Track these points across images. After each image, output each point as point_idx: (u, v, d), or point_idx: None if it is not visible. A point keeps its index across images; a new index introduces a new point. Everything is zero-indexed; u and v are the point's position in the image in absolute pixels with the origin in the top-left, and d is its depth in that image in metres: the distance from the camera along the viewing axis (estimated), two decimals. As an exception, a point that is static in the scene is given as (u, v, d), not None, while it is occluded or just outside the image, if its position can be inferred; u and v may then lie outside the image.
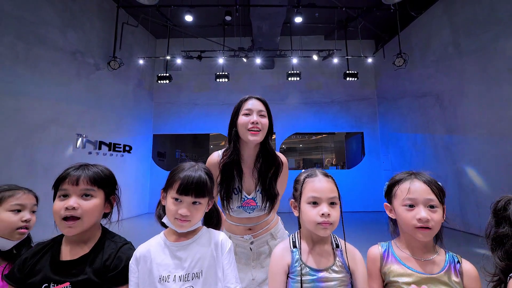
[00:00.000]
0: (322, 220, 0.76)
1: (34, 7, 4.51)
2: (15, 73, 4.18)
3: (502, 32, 4.17)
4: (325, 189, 0.80)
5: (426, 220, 0.75)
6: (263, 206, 1.12)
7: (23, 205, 0.93)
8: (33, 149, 4.41)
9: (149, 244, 0.81)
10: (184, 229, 0.79)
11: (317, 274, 0.77)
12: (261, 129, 1.10)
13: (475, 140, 4.63)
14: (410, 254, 0.82)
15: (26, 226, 0.92)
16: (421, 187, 0.79)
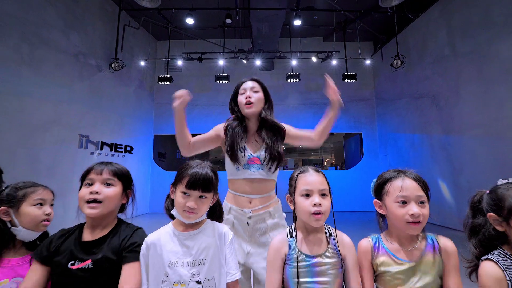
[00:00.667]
0: (314, 210, 0.84)
1: (37, 9, 4.60)
2: (19, 74, 4.25)
3: (496, 34, 4.27)
4: (316, 182, 0.88)
5: (418, 216, 0.81)
6: (267, 165, 1.21)
7: (44, 199, 1.01)
8: (36, 149, 4.48)
9: (159, 233, 0.89)
10: (191, 221, 0.87)
11: (311, 260, 0.85)
12: (253, 102, 1.26)
13: (470, 140, 4.72)
14: (398, 246, 0.87)
15: (47, 218, 1.00)
16: (412, 184, 0.85)
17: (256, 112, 1.29)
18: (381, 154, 7.56)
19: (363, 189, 7.17)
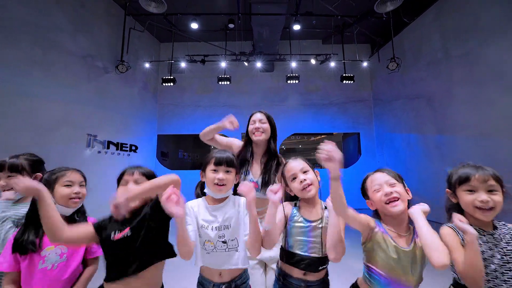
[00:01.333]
0: (302, 185, 1.05)
1: (48, 14, 4.80)
2: (31, 76, 4.45)
3: (485, 39, 4.49)
4: (297, 165, 1.13)
5: (390, 193, 1.01)
6: (262, 190, 1.45)
7: (72, 181, 1.19)
8: (47, 148, 4.67)
9: (197, 202, 1.14)
10: (221, 194, 1.10)
11: (308, 224, 1.07)
12: (262, 131, 1.58)
13: (463, 140, 4.93)
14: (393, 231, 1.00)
15: (77, 196, 1.18)
16: (378, 175, 1.06)
17: (263, 140, 1.57)
18: (378, 154, 7.77)
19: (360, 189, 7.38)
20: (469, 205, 0.97)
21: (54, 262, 1.06)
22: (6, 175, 1.25)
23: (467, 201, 0.97)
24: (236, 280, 1.07)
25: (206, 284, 1.06)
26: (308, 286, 1.04)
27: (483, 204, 0.93)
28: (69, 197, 1.16)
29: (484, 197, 0.94)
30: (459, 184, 1.00)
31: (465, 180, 0.98)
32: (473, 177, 0.97)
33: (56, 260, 1.07)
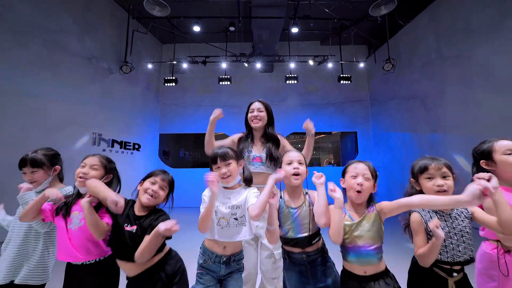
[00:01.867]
0: (294, 171, 1.25)
1: (56, 17, 4.99)
2: (39, 77, 4.65)
3: (475, 41, 4.68)
4: (296, 156, 1.32)
5: (361, 184, 1.19)
6: (267, 163, 1.71)
7: (85, 163, 1.39)
8: (54, 146, 4.77)
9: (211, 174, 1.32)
10: (229, 183, 1.30)
11: (294, 210, 1.27)
12: (259, 119, 1.81)
13: (454, 139, 5.13)
14: (353, 211, 1.20)
15: (84, 176, 1.34)
16: (362, 166, 1.24)
17: (260, 126, 1.80)
18: (374, 152, 7.96)
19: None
20: (429, 190, 1.16)
21: (76, 226, 1.27)
22: (30, 170, 1.41)
23: (427, 186, 1.17)
24: (235, 255, 1.27)
25: (209, 255, 1.26)
26: (309, 256, 1.23)
27: (440, 187, 1.13)
28: (77, 176, 1.35)
29: (440, 182, 1.13)
30: (420, 173, 1.20)
31: (424, 169, 1.18)
32: (430, 167, 1.16)
33: (77, 224, 1.28)
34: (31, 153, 1.44)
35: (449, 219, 1.15)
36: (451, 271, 1.10)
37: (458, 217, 1.15)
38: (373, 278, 1.11)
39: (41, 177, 1.42)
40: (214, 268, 1.24)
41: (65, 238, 1.27)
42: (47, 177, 1.45)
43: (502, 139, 1.24)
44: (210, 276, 1.25)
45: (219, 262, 1.24)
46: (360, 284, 1.11)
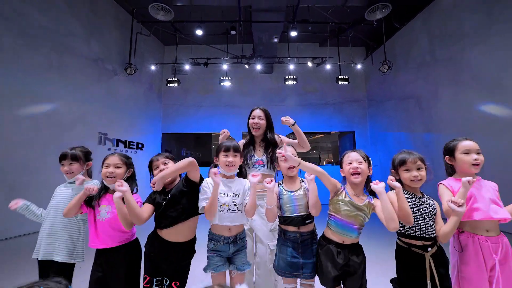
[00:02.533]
0: (288, 165, 1.46)
1: (64, 21, 5.19)
2: (49, 79, 4.84)
3: (466, 44, 4.89)
4: (290, 151, 1.53)
5: (357, 168, 1.40)
6: (268, 165, 1.90)
7: (108, 163, 1.57)
8: (64, 145, 4.97)
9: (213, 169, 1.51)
10: (231, 172, 1.50)
11: (292, 193, 1.48)
12: (259, 127, 1.97)
13: (447, 138, 5.28)
14: (352, 192, 1.41)
15: (111, 175, 1.53)
16: (354, 153, 1.45)
17: (260, 134, 2.00)
18: (372, 151, 8.17)
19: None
20: (406, 180, 1.37)
21: (103, 217, 1.48)
22: (69, 162, 1.64)
23: (405, 177, 1.38)
24: (239, 234, 1.48)
25: (216, 238, 1.46)
26: (302, 236, 1.44)
27: (415, 178, 1.34)
28: (105, 176, 1.56)
29: (415, 173, 1.34)
30: (399, 166, 1.40)
31: (403, 163, 1.38)
32: (408, 161, 1.37)
33: (104, 215, 1.49)
34: (69, 149, 1.66)
35: (420, 202, 1.36)
36: (425, 247, 1.30)
37: (427, 201, 1.36)
38: (347, 247, 1.36)
39: (76, 169, 1.64)
40: (224, 248, 1.45)
41: (95, 228, 1.49)
42: (82, 170, 1.67)
43: (466, 140, 1.44)
44: (220, 257, 1.45)
45: (227, 242, 1.44)
46: (337, 248, 1.35)
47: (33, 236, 4.13)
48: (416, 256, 1.30)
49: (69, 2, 5.30)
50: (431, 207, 1.35)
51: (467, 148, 1.41)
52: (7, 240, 3.90)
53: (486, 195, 1.35)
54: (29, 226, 4.28)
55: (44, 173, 4.65)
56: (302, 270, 1.41)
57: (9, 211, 2.41)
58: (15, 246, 3.60)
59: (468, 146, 1.41)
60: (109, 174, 1.54)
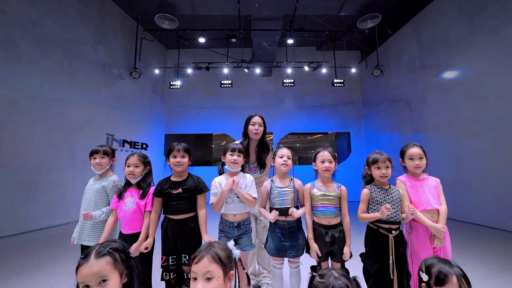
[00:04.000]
0: (283, 162, 1.80)
1: (75, 29, 5.50)
2: (61, 84, 5.16)
3: (451, 52, 5.24)
4: (286, 152, 1.86)
5: (328, 167, 1.75)
6: (258, 171, 2.22)
7: (129, 163, 1.91)
8: (74, 146, 5.40)
9: (221, 177, 1.85)
10: (235, 168, 1.83)
11: (281, 189, 1.81)
12: (259, 133, 2.24)
13: (433, 139, 5.70)
14: (321, 184, 1.79)
15: (132, 173, 1.87)
16: (326, 153, 1.80)
17: (258, 138, 2.28)
18: (366, 151, 8.53)
19: (350, 182, 8.09)
20: (377, 176, 1.72)
21: (129, 207, 1.82)
22: (100, 156, 1.98)
23: (376, 173, 1.72)
24: (243, 221, 1.82)
25: (224, 222, 1.81)
26: (289, 224, 1.78)
27: (383, 175, 1.68)
28: (127, 174, 1.90)
29: (384, 171, 1.69)
30: (372, 164, 1.75)
31: (375, 161, 1.73)
32: (379, 160, 1.71)
33: (130, 205, 1.82)
34: (100, 146, 2.00)
35: (387, 193, 1.71)
36: (390, 230, 1.65)
37: (393, 192, 1.71)
38: (333, 227, 1.70)
39: (106, 163, 1.98)
40: (230, 231, 1.79)
41: (122, 216, 1.83)
42: (108, 164, 2.01)
43: (413, 147, 1.80)
44: (227, 238, 1.79)
45: (232, 226, 1.78)
46: (325, 229, 1.70)
47: (48, 230, 4.47)
48: (382, 236, 1.65)
49: (79, 10, 5.61)
50: (396, 196, 1.70)
51: (411, 155, 1.78)
52: (25, 233, 4.23)
53: (427, 191, 1.72)
54: (44, 221, 4.62)
55: (56, 172, 4.98)
56: (289, 251, 1.76)
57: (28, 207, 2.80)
58: (32, 239, 3.93)
59: (412, 153, 1.78)
60: (130, 172, 1.88)
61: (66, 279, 2.45)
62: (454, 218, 5.05)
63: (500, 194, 4.29)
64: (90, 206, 1.95)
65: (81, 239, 1.91)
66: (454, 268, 1.01)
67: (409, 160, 1.79)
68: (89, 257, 0.88)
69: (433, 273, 1.03)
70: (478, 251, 3.21)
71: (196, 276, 0.89)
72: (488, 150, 4.52)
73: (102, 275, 0.86)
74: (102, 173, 2.04)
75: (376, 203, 1.67)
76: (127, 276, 0.94)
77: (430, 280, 1.03)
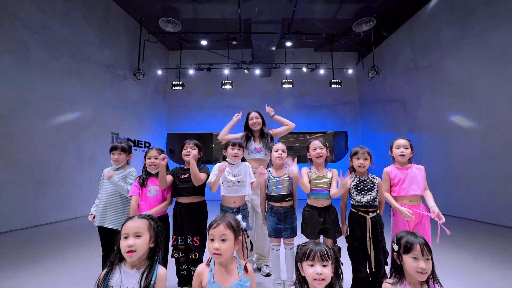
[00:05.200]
0: (278, 155, 2.03)
1: (81, 31, 5.73)
2: (69, 85, 5.39)
3: (443, 54, 5.46)
4: (280, 146, 2.09)
5: (320, 152, 1.98)
6: (264, 151, 2.52)
7: (151, 155, 2.14)
8: (81, 144, 5.62)
9: (222, 163, 2.06)
10: (236, 161, 2.06)
11: (277, 179, 2.04)
12: (258, 124, 2.60)
13: (426, 137, 5.92)
14: (315, 168, 2.02)
15: (153, 164, 2.09)
16: (317, 142, 2.02)
17: (258, 129, 2.61)
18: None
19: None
20: (356, 166, 1.94)
21: (153, 194, 2.04)
22: (118, 152, 2.19)
23: (355, 163, 1.94)
24: (242, 206, 2.05)
25: (225, 209, 2.03)
26: (284, 209, 2.01)
27: (361, 165, 1.91)
28: (148, 165, 2.12)
29: (362, 162, 1.91)
30: (353, 155, 1.97)
31: (356, 153, 1.95)
32: (359, 152, 1.93)
33: (153, 192, 2.05)
34: (118, 143, 2.22)
35: (365, 181, 1.93)
36: (367, 212, 1.87)
37: (370, 180, 1.93)
38: (326, 209, 1.93)
39: (123, 158, 2.20)
40: None
41: (144, 201, 2.04)
42: (125, 159, 2.23)
43: (400, 139, 2.02)
44: None
45: (233, 212, 2.01)
46: (318, 211, 1.92)
47: (58, 224, 4.68)
48: (360, 218, 1.87)
49: (85, 13, 5.84)
50: (373, 184, 1.92)
51: (398, 144, 2.00)
52: (36, 227, 4.45)
53: (410, 179, 1.93)
54: (54, 216, 4.85)
55: (65, 168, 5.21)
56: (284, 232, 1.99)
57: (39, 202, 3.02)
58: (42, 232, 4.14)
59: (398, 143, 2.00)
60: (151, 163, 2.10)
61: (83, 265, 2.68)
62: (447, 213, 5.27)
63: (486, 189, 4.52)
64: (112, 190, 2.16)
65: (103, 221, 2.11)
66: (418, 238, 1.22)
67: (396, 148, 2.01)
68: (134, 217, 1.19)
69: (402, 243, 1.23)
70: (463, 242, 3.44)
71: (213, 237, 1.14)
72: (476, 147, 4.75)
73: (138, 231, 1.14)
74: (120, 167, 2.26)
75: (355, 190, 1.90)
76: (154, 242, 1.18)
77: (400, 250, 1.23)
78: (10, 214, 4.16)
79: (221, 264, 1.18)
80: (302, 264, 1.12)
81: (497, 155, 4.36)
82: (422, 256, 1.15)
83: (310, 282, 1.08)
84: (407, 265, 1.18)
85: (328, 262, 1.09)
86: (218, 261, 1.16)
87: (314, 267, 1.08)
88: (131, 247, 1.09)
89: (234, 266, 1.20)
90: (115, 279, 1.10)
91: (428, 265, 1.14)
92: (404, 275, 1.22)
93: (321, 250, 1.10)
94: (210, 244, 1.16)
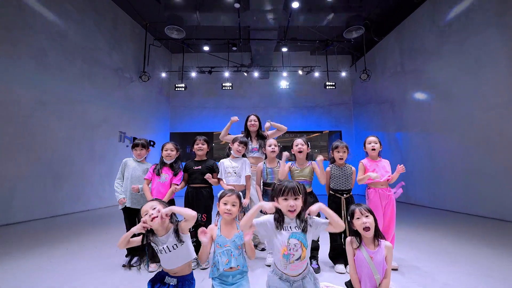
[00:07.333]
0: (271, 149, 2.49)
1: (92, 37, 6.17)
2: (81, 87, 5.83)
3: (427, 59, 5.94)
4: (273, 141, 2.55)
5: (300, 148, 2.43)
6: (259, 151, 2.95)
7: (167, 148, 2.59)
8: (93, 142, 6.07)
9: (226, 159, 2.53)
10: (239, 155, 2.52)
11: (271, 169, 2.50)
12: (255, 126, 3.04)
13: (412, 136, 6.40)
14: (297, 164, 2.46)
15: (168, 156, 2.53)
16: (300, 140, 2.47)
17: (255, 130, 3.05)
18: (356, 149, 9.22)
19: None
20: (336, 158, 2.40)
21: (163, 180, 2.50)
22: (140, 148, 2.64)
23: (336, 156, 2.40)
24: (241, 191, 2.51)
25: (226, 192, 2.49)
26: None
27: (341, 157, 2.37)
28: (165, 156, 2.56)
29: (341, 154, 2.37)
30: (334, 149, 2.43)
31: (336, 147, 2.41)
32: (339, 146, 2.40)
33: (163, 180, 2.50)
34: (139, 140, 2.66)
35: (342, 170, 2.38)
36: (342, 193, 2.33)
37: (346, 169, 2.39)
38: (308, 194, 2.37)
39: (144, 153, 2.66)
40: None
41: (156, 186, 2.50)
42: (146, 154, 2.68)
43: (371, 136, 2.49)
44: None
45: (233, 195, 2.48)
46: None
47: (72, 215, 5.14)
48: (336, 198, 2.33)
49: (96, 20, 6.28)
50: (348, 172, 2.38)
51: (369, 141, 2.47)
52: (54, 217, 4.90)
53: (380, 169, 2.40)
54: (68, 208, 5.30)
55: (78, 164, 5.65)
56: None
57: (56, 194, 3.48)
58: (60, 223, 4.59)
59: (369, 140, 2.47)
60: (167, 154, 2.54)
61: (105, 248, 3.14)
62: (430, 206, 5.75)
63: (464, 183, 5.00)
64: (139, 180, 2.60)
65: (132, 204, 2.56)
66: (359, 206, 1.64)
67: (368, 144, 2.48)
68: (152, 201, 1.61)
69: (349, 213, 1.66)
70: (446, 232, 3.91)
71: (227, 202, 1.58)
72: (455, 145, 5.22)
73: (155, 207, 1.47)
74: (141, 160, 2.71)
75: (334, 177, 2.36)
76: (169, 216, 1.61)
77: (352, 219, 1.63)
78: (31, 205, 4.61)
79: (226, 222, 1.64)
80: (278, 199, 1.36)
81: (472, 151, 4.83)
82: (361, 214, 1.59)
83: (284, 212, 1.36)
84: (356, 225, 1.61)
85: (299, 196, 1.33)
86: (229, 219, 1.58)
87: (288, 201, 1.31)
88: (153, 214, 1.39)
89: (234, 224, 1.67)
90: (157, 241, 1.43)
91: (368, 219, 1.56)
92: (361, 238, 1.64)
93: (293, 186, 1.35)
94: (223, 207, 1.57)
